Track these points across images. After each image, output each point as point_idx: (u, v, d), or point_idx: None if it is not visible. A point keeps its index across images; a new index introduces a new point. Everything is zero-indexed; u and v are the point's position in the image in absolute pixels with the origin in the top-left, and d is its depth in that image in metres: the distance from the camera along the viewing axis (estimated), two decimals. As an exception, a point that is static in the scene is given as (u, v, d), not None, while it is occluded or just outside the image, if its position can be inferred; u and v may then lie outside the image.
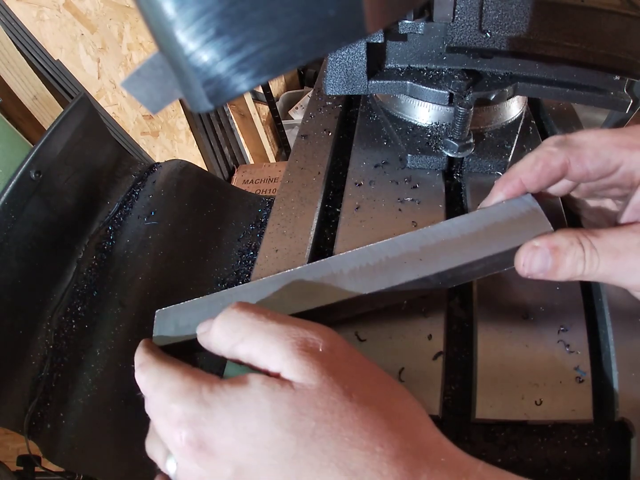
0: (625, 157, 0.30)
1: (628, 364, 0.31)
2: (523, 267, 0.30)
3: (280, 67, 0.18)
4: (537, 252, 0.29)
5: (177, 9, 0.17)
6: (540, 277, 0.30)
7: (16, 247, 0.44)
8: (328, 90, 0.49)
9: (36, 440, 0.41)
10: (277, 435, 0.23)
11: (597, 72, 0.44)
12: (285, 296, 0.32)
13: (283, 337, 0.25)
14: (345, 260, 0.32)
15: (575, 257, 0.29)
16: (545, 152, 0.31)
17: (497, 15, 0.41)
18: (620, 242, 0.28)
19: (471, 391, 0.32)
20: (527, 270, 0.30)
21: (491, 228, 0.31)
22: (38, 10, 1.04)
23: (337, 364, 0.25)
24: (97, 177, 0.56)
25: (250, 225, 0.59)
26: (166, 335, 0.35)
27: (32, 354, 0.44)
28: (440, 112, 0.48)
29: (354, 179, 0.45)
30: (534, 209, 0.31)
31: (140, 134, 1.42)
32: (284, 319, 0.27)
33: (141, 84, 0.21)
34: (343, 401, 0.23)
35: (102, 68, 1.26)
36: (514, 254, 0.31)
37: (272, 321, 0.26)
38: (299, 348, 0.25)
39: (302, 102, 2.39)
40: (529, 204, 0.32)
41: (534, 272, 0.30)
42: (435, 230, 0.32)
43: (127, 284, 0.49)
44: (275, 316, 0.27)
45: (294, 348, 0.24)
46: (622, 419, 0.30)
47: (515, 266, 0.31)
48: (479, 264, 0.31)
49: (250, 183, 1.83)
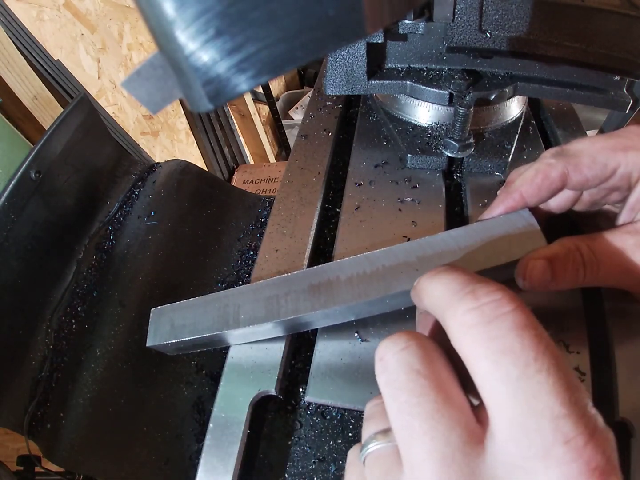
0: (622, 159, 0.30)
1: (628, 364, 0.31)
2: (524, 280, 0.30)
3: (280, 67, 0.18)
4: (537, 264, 0.29)
5: (177, 9, 0.17)
6: (542, 289, 0.30)
7: (16, 247, 0.44)
8: (328, 90, 0.49)
9: (36, 440, 0.41)
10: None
11: (597, 72, 0.44)
12: (281, 300, 0.32)
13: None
14: (342, 267, 0.33)
15: (575, 263, 0.29)
16: (543, 165, 0.31)
17: (497, 15, 0.41)
18: (616, 243, 0.29)
19: (471, 391, 0.32)
20: (529, 283, 0.30)
21: (488, 241, 0.32)
22: (38, 10, 1.04)
23: None
24: (97, 177, 0.56)
25: (250, 225, 0.59)
26: (161, 334, 0.35)
27: (32, 354, 0.44)
28: (440, 112, 0.48)
29: (354, 179, 0.45)
30: (530, 223, 0.32)
31: (140, 134, 1.42)
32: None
33: (141, 84, 0.21)
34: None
35: (102, 68, 1.26)
36: (509, 267, 0.31)
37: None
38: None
39: (302, 102, 2.39)
40: (525, 218, 0.32)
41: (535, 285, 0.30)
42: (433, 241, 0.32)
43: (127, 284, 0.49)
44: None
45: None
46: (622, 419, 0.30)
47: (516, 281, 0.31)
48: None
49: (250, 183, 1.83)
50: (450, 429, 0.18)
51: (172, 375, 0.44)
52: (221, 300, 0.34)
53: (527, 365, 0.17)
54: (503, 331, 0.18)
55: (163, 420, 0.42)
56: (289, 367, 0.36)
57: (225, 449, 0.30)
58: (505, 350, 0.18)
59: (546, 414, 0.17)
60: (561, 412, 0.17)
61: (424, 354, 0.20)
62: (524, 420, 0.17)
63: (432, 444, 0.18)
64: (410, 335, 0.21)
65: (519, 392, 0.17)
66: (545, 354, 0.18)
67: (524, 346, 0.18)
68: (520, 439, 0.17)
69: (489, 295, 0.19)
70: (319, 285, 0.32)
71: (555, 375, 0.17)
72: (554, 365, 0.18)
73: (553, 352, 0.18)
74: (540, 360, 0.18)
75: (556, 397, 0.17)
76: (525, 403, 0.17)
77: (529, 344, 0.18)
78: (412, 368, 0.20)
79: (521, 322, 0.18)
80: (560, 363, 0.18)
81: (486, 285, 0.20)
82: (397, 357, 0.20)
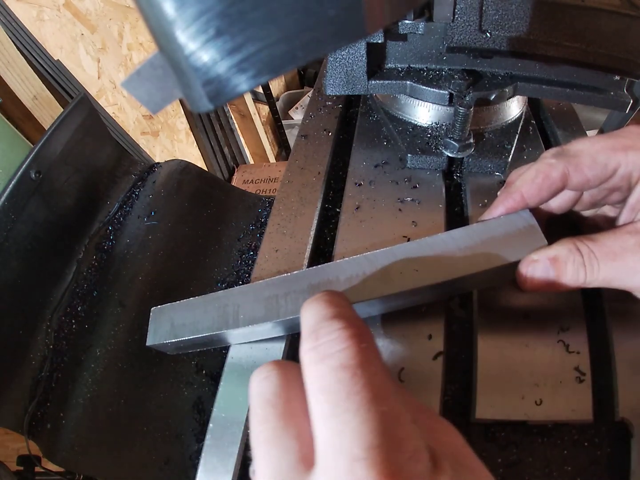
0: (622, 159, 0.30)
1: (628, 364, 0.31)
2: (525, 282, 0.30)
3: (280, 67, 0.18)
4: (538, 265, 0.29)
5: (177, 9, 0.17)
6: (544, 290, 0.30)
7: (16, 247, 0.44)
8: (328, 90, 0.49)
9: (36, 440, 0.41)
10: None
11: (597, 72, 0.44)
12: (280, 300, 0.32)
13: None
14: (341, 267, 0.33)
15: (576, 263, 0.29)
16: (544, 165, 0.31)
17: (497, 15, 0.41)
18: (617, 244, 0.28)
19: (471, 391, 0.32)
20: (530, 284, 0.30)
21: (487, 242, 0.31)
22: (38, 10, 1.04)
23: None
24: (97, 177, 0.56)
25: (250, 225, 0.59)
26: (161, 333, 0.35)
27: (32, 354, 0.44)
28: (440, 112, 0.48)
29: (354, 179, 0.45)
30: (530, 224, 0.32)
31: (140, 134, 1.42)
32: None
33: (141, 84, 0.21)
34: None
35: (102, 68, 1.26)
36: (509, 268, 0.31)
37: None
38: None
39: (302, 102, 2.39)
40: (526, 219, 0.32)
41: (537, 286, 0.30)
42: (432, 241, 0.32)
43: (127, 284, 0.49)
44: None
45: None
46: (622, 419, 0.30)
47: (518, 282, 0.31)
48: (473, 278, 0.31)
49: (250, 183, 1.84)
50: (282, 455, 0.20)
51: (172, 375, 0.45)
52: (221, 300, 0.34)
53: (337, 405, 0.18)
54: (326, 370, 0.19)
55: (163, 420, 0.42)
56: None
57: (225, 449, 0.30)
58: (322, 389, 0.19)
59: (346, 455, 0.17)
60: (358, 455, 0.17)
61: (280, 384, 0.22)
62: (330, 457, 0.18)
63: (266, 468, 0.20)
64: (274, 365, 0.23)
65: (328, 430, 0.18)
66: (360, 393, 0.18)
67: (339, 385, 0.18)
68: (327, 474, 0.18)
69: (327, 335, 0.20)
70: (319, 285, 0.32)
71: (363, 416, 0.18)
72: (365, 405, 0.18)
73: (371, 392, 0.18)
74: (351, 400, 0.18)
75: (358, 439, 0.17)
76: (331, 441, 0.18)
77: (344, 383, 0.18)
78: (264, 397, 0.21)
79: (344, 361, 0.19)
80: (378, 403, 0.18)
81: (331, 323, 0.20)
82: (256, 386, 0.22)
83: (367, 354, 0.19)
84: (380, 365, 0.20)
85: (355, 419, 0.18)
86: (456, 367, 0.34)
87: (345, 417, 0.18)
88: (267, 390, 0.21)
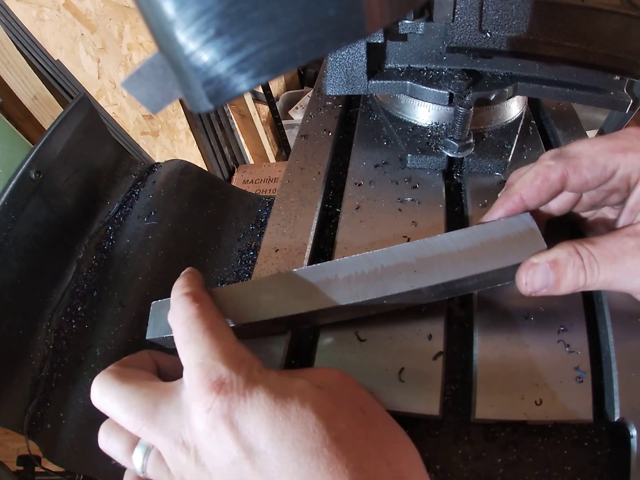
0: (621, 160, 0.30)
1: (628, 364, 0.31)
2: (525, 285, 0.30)
3: (280, 67, 0.18)
4: (538, 269, 0.29)
5: (177, 9, 0.17)
6: (544, 293, 0.30)
7: (16, 247, 0.44)
8: (328, 90, 0.49)
9: (36, 440, 0.41)
10: (308, 429, 0.24)
11: (597, 72, 0.44)
12: (280, 297, 0.32)
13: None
14: (340, 266, 0.33)
15: (575, 266, 0.29)
16: (543, 167, 0.31)
17: (497, 15, 0.41)
18: (616, 246, 0.28)
19: (471, 391, 0.32)
20: (530, 288, 0.30)
21: (487, 244, 0.31)
22: (38, 10, 1.04)
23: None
24: (97, 177, 0.56)
25: (250, 225, 0.59)
26: (161, 327, 0.35)
27: (32, 354, 0.44)
28: (440, 112, 0.48)
29: (354, 179, 0.45)
30: (530, 227, 0.32)
31: (140, 134, 1.42)
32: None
33: (141, 84, 0.21)
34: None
35: (102, 68, 1.26)
36: (508, 271, 0.31)
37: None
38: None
39: (302, 102, 2.39)
40: (526, 222, 0.32)
41: (537, 289, 0.30)
42: (432, 242, 0.32)
43: (127, 284, 0.49)
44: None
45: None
46: (622, 419, 0.30)
47: (518, 286, 0.31)
48: (472, 280, 0.31)
49: (250, 183, 1.83)
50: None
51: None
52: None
53: (184, 324, 0.28)
54: (177, 310, 0.29)
55: (163, 420, 0.42)
56: (289, 367, 0.36)
57: None
58: (174, 318, 0.29)
59: (190, 362, 0.26)
60: (197, 361, 0.25)
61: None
62: (184, 361, 0.26)
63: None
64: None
65: (180, 346, 0.27)
66: (196, 323, 0.27)
67: (184, 314, 0.28)
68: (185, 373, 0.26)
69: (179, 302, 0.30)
70: (317, 284, 0.32)
71: (199, 338, 0.26)
72: (199, 331, 0.27)
73: (203, 324, 0.27)
74: (192, 329, 0.27)
75: (197, 351, 0.26)
76: (182, 351, 0.27)
77: (188, 321, 0.28)
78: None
79: (185, 302, 0.29)
80: (208, 330, 0.27)
81: (184, 298, 0.30)
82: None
83: (201, 308, 0.28)
84: (213, 315, 0.29)
85: (194, 341, 0.26)
86: (456, 367, 0.35)
87: (187, 339, 0.27)
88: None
